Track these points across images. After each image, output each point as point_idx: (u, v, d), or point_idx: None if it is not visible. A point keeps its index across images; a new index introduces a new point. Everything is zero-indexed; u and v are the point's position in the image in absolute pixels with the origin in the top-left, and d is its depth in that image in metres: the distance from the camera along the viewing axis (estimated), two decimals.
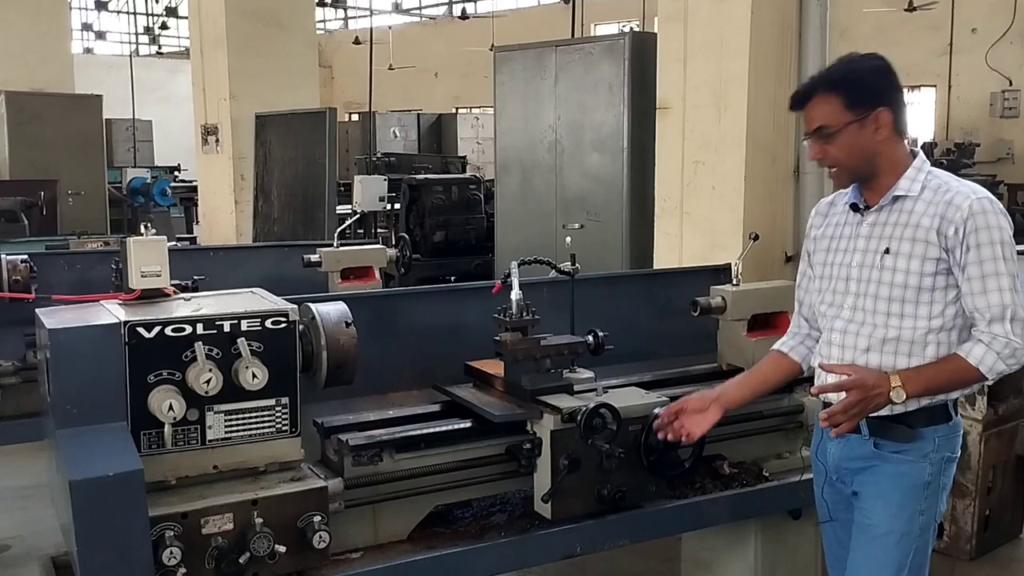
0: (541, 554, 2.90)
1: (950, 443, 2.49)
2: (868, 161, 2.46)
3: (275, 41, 9.28)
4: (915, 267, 2.40)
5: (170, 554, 2.24)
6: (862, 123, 2.43)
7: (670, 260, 5.12)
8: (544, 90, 6.83)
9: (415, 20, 28.62)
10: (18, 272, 4.39)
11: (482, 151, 17.60)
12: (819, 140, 2.47)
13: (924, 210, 2.41)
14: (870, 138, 2.44)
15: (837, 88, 2.45)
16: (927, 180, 2.45)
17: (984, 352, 2.35)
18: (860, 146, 2.44)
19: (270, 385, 2.47)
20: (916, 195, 2.44)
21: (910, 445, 2.45)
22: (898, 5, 17.48)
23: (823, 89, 2.47)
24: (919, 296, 2.41)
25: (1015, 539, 4.67)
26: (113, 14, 28.59)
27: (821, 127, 2.45)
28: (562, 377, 2.94)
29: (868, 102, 2.43)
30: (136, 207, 13.07)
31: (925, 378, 2.39)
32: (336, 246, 5.59)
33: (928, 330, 2.42)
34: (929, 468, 2.45)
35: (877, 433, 2.47)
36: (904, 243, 2.42)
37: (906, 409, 2.42)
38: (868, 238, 2.49)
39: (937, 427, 2.46)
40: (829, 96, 2.45)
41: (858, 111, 2.42)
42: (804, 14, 4.84)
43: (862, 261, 2.49)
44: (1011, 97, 17.41)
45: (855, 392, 2.36)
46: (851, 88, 2.44)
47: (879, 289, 2.45)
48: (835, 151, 2.46)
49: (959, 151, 15.65)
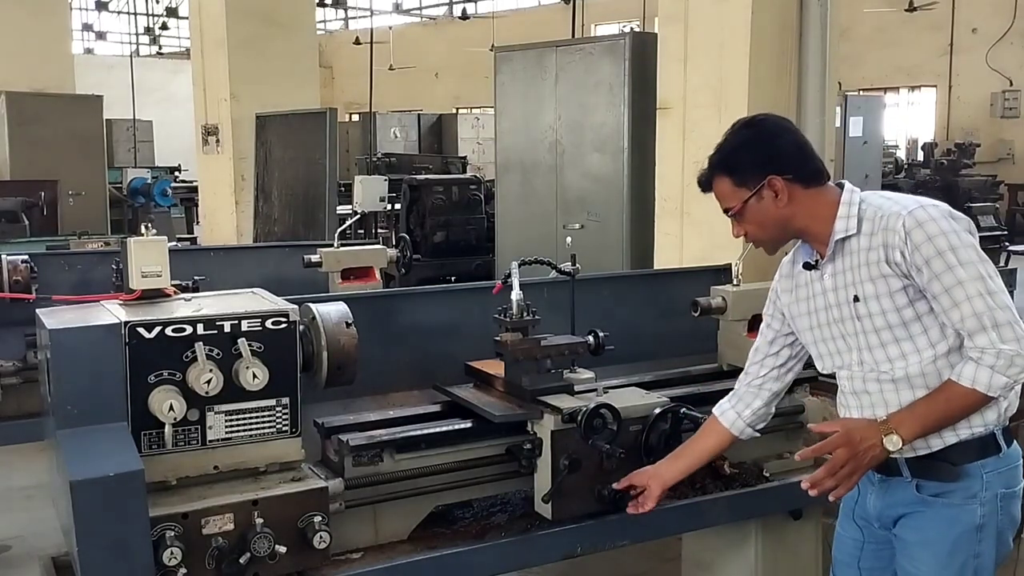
0: (541, 554, 2.90)
1: (1004, 477, 2.29)
2: (782, 228, 2.40)
3: (275, 41, 9.28)
4: (888, 305, 2.26)
5: (170, 554, 2.24)
6: (758, 196, 2.36)
7: (670, 260, 5.12)
8: (544, 90, 6.83)
9: (415, 20, 28.62)
10: (18, 272, 4.39)
11: (482, 151, 17.62)
12: (734, 220, 2.44)
13: (868, 244, 2.28)
14: (771, 207, 2.36)
15: (724, 170, 2.42)
16: (862, 211, 2.32)
17: (975, 370, 2.17)
18: (767, 218, 2.38)
19: (270, 385, 2.47)
20: (856, 232, 2.31)
21: (955, 485, 2.26)
22: (898, 5, 17.49)
23: (715, 172, 2.44)
24: (909, 330, 2.27)
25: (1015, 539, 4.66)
26: (113, 14, 28.58)
27: (728, 209, 2.43)
28: (562, 377, 2.94)
29: (753, 175, 2.36)
30: (136, 207, 13.08)
31: (919, 416, 2.24)
32: (336, 246, 5.59)
33: (936, 357, 2.26)
34: (980, 509, 2.26)
35: (918, 474, 2.30)
36: (867, 285, 2.29)
37: (945, 444, 2.26)
38: (835, 290, 2.38)
39: (985, 461, 2.26)
40: (722, 178, 2.42)
41: (749, 186, 2.36)
42: (804, 14, 4.84)
43: (840, 315, 2.37)
44: (1011, 97, 17.44)
45: (842, 451, 2.22)
46: (733, 168, 2.39)
47: (868, 339, 2.32)
48: (748, 227, 2.43)
49: (959, 151, 15.63)
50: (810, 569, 3.49)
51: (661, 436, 2.82)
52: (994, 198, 14.18)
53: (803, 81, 4.90)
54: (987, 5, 17.67)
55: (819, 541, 3.53)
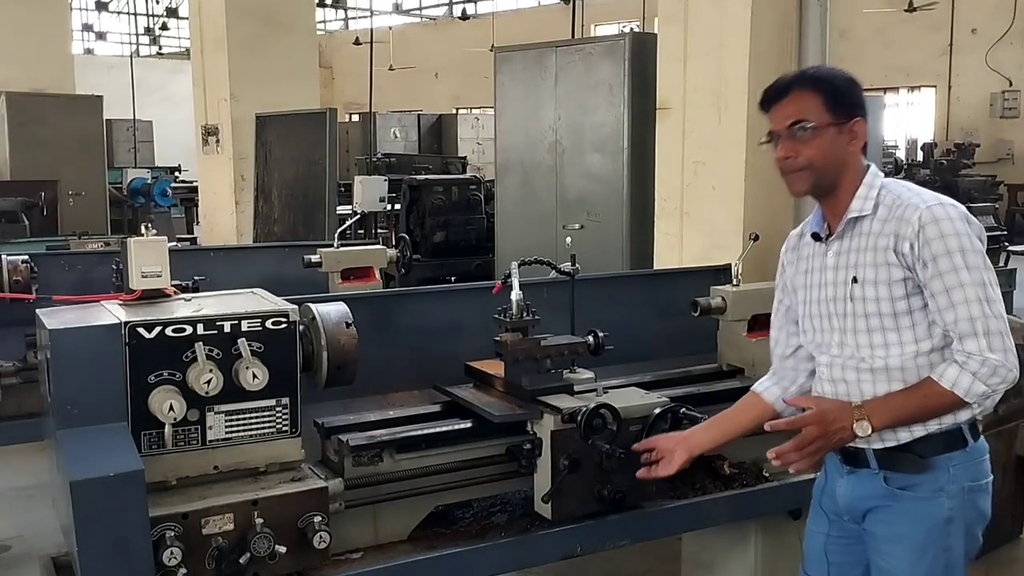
0: (541, 554, 2.90)
1: (970, 471, 2.30)
2: (837, 170, 2.32)
3: (275, 41, 9.28)
4: (884, 293, 2.25)
5: (170, 554, 2.24)
6: (840, 128, 2.30)
7: (670, 260, 5.12)
8: (544, 90, 6.83)
9: (415, 20, 28.63)
10: (19, 272, 4.39)
11: (482, 151, 17.63)
12: (793, 137, 2.31)
13: (880, 230, 2.27)
14: (844, 146, 2.31)
15: (818, 87, 2.32)
16: (880, 196, 2.31)
17: (958, 374, 2.17)
18: (834, 152, 2.31)
19: (270, 385, 2.47)
20: (870, 214, 2.30)
21: (921, 477, 2.27)
22: (898, 5, 17.49)
23: (803, 86, 2.33)
24: (898, 322, 2.26)
25: (1015, 539, 4.67)
26: (113, 15, 28.58)
27: (800, 121, 2.30)
28: (562, 377, 2.94)
29: (848, 109, 2.32)
30: (137, 207, 13.09)
31: (893, 408, 2.25)
32: (336, 246, 5.59)
33: (917, 354, 2.26)
34: (948, 502, 2.27)
35: (885, 465, 2.31)
36: (868, 269, 2.28)
37: (912, 436, 2.27)
38: (835, 268, 2.36)
39: (952, 454, 2.27)
40: (810, 93, 2.31)
41: (839, 115, 2.30)
42: (804, 15, 4.83)
43: (834, 294, 2.36)
44: (1011, 97, 17.45)
45: (812, 428, 2.23)
46: (833, 91, 2.32)
47: (856, 322, 2.31)
48: (809, 151, 2.30)
49: (959, 151, 15.66)
50: None
51: None
52: (994, 198, 14.21)
53: None
54: (987, 5, 17.68)
55: None
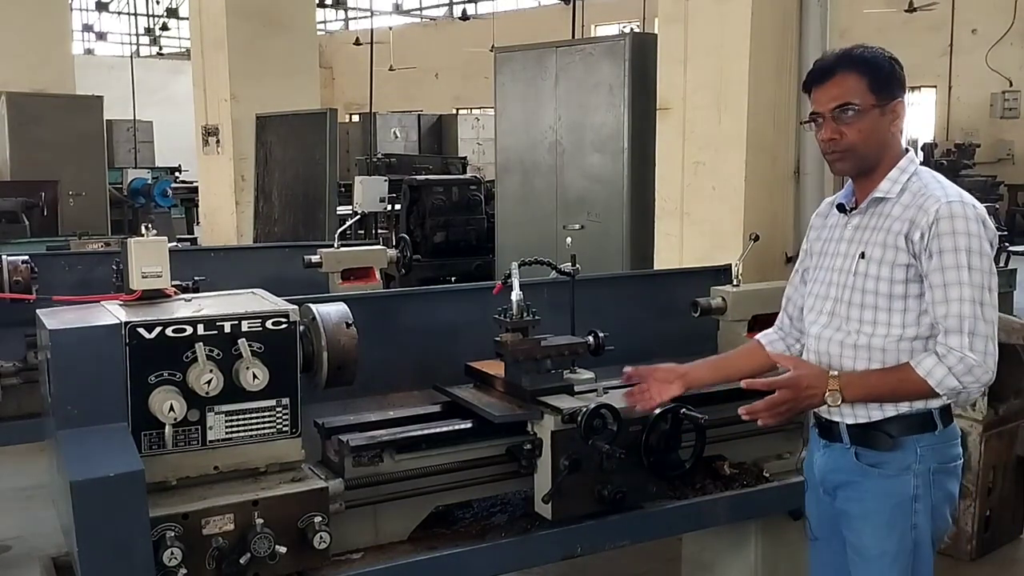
0: (541, 555, 2.90)
1: (938, 453, 2.37)
2: (878, 151, 2.37)
3: (276, 42, 9.28)
4: (886, 273, 2.33)
5: (171, 555, 2.24)
6: (882, 110, 2.35)
7: (670, 261, 5.13)
8: (544, 91, 6.83)
9: (415, 21, 28.63)
10: (19, 273, 4.39)
11: (483, 152, 17.63)
12: (837, 120, 2.35)
13: (899, 214, 2.33)
14: (886, 127, 2.37)
15: (862, 68, 2.34)
16: (909, 182, 2.36)
17: (934, 365, 2.24)
18: (876, 133, 2.35)
19: (271, 386, 2.47)
20: (894, 198, 2.36)
21: (890, 456, 2.35)
22: (898, 6, 17.50)
23: (847, 67, 2.35)
24: (891, 303, 2.33)
25: (1016, 539, 4.67)
26: (114, 15, 28.59)
27: (847, 104, 2.33)
28: (562, 378, 2.94)
29: (890, 90, 2.35)
30: (137, 208, 13.08)
31: (867, 385, 2.33)
32: (337, 247, 5.60)
33: (901, 338, 2.33)
34: (914, 480, 2.35)
35: (857, 440, 2.39)
36: (877, 248, 2.35)
37: (884, 415, 2.35)
38: (849, 241, 2.44)
39: (920, 436, 2.34)
40: (855, 75, 2.34)
41: (882, 97, 2.34)
42: (804, 15, 4.84)
43: (841, 265, 2.44)
44: (1011, 98, 17.45)
45: (785, 391, 2.32)
46: (876, 72, 2.34)
47: (852, 295, 2.39)
48: (853, 133, 2.34)
49: (959, 152, 15.67)
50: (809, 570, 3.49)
51: (661, 436, 2.82)
52: (994, 198, 14.21)
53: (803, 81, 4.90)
54: (987, 5, 17.68)
55: None
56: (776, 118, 4.86)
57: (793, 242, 4.93)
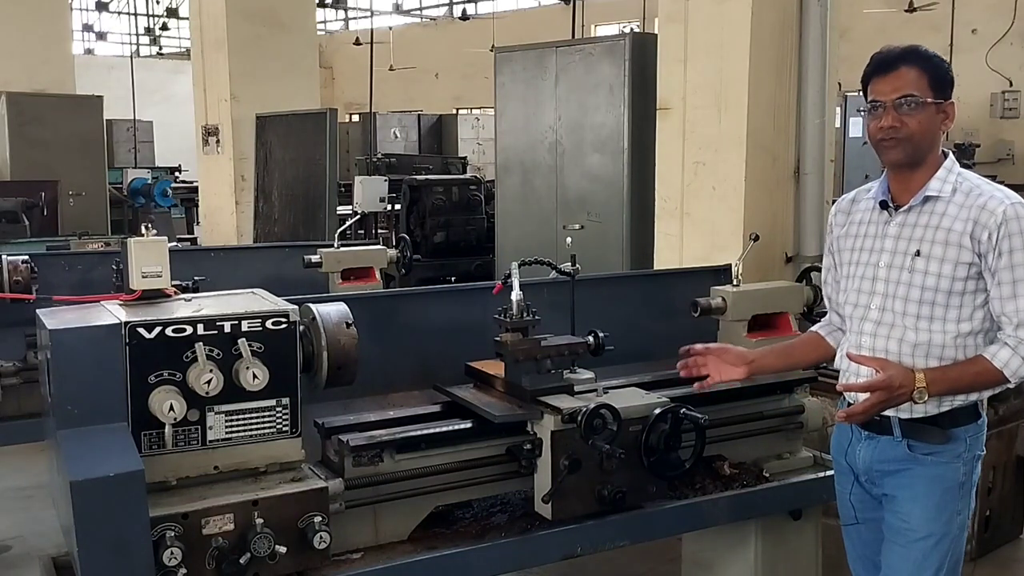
0: (541, 555, 2.91)
1: (979, 441, 2.51)
2: (931, 144, 2.46)
3: (276, 42, 9.29)
4: (947, 271, 2.39)
5: (171, 554, 2.24)
6: (939, 107, 2.44)
7: (670, 261, 5.13)
8: (544, 91, 6.83)
9: (415, 21, 28.62)
10: (19, 273, 4.39)
11: (483, 152, 17.61)
12: (899, 109, 2.42)
13: (956, 213, 2.40)
14: (938, 125, 2.46)
15: (925, 65, 2.44)
16: (957, 182, 2.45)
17: (1010, 356, 2.36)
18: (932, 128, 2.44)
19: (270, 386, 2.47)
20: (948, 197, 2.43)
21: (943, 447, 2.45)
22: (898, 6, 17.49)
23: (911, 62, 2.44)
24: (949, 300, 2.41)
25: (1016, 539, 4.67)
26: (114, 15, 28.57)
27: (911, 95, 2.41)
28: (562, 378, 2.94)
29: (945, 90, 2.45)
30: (137, 208, 13.06)
31: (950, 380, 2.40)
32: (337, 247, 5.59)
33: (957, 334, 2.42)
34: (963, 468, 2.46)
35: (909, 435, 2.46)
36: (936, 246, 2.41)
37: (939, 410, 2.43)
38: (897, 239, 2.48)
39: (968, 427, 2.47)
40: (917, 70, 2.43)
41: (939, 95, 2.43)
42: (804, 15, 4.84)
43: (891, 262, 2.48)
44: (1011, 98, 17.42)
45: (881, 394, 2.38)
46: (937, 71, 2.45)
47: (909, 291, 2.44)
48: (913, 124, 2.42)
49: (959, 151, 15.63)
50: (810, 569, 3.49)
51: (661, 436, 2.82)
52: None
53: (803, 81, 4.91)
54: (987, 6, 17.66)
55: (818, 541, 3.53)
56: (776, 118, 4.86)
57: (793, 242, 4.94)
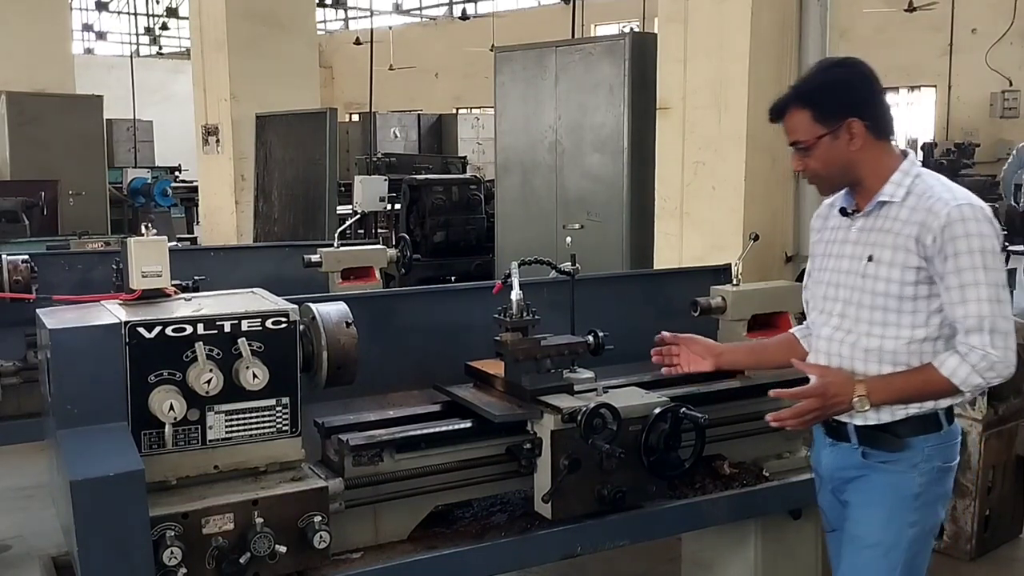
0: (541, 554, 2.90)
1: (942, 452, 2.44)
2: (845, 171, 2.45)
3: (276, 42, 9.29)
4: (896, 275, 2.37)
5: (171, 554, 2.24)
6: (834, 135, 2.41)
7: (670, 260, 5.13)
8: (544, 90, 6.83)
9: (415, 20, 28.63)
10: (19, 272, 4.39)
11: (482, 151, 17.62)
12: (797, 153, 2.48)
13: (907, 217, 2.37)
14: (844, 149, 2.41)
15: (806, 103, 2.43)
16: (913, 185, 2.40)
17: (958, 364, 2.30)
18: (835, 158, 2.42)
19: (270, 385, 2.47)
20: (900, 201, 2.40)
21: (898, 455, 2.42)
22: (898, 5, 17.49)
23: (794, 104, 2.45)
24: (901, 305, 2.37)
25: (1015, 539, 4.68)
26: (113, 15, 28.58)
27: (797, 141, 2.46)
28: (562, 377, 2.94)
29: (838, 114, 2.40)
30: (137, 207, 13.07)
31: (894, 388, 2.37)
32: (336, 246, 5.59)
33: (911, 340, 2.38)
34: (919, 479, 2.41)
35: (865, 442, 2.45)
36: (886, 251, 2.39)
37: (893, 418, 2.40)
38: (855, 244, 2.48)
39: (927, 436, 2.41)
40: (800, 111, 2.44)
41: (829, 124, 2.40)
42: (804, 15, 4.84)
43: (848, 268, 2.48)
44: (1011, 97, 17.45)
45: (812, 400, 2.37)
46: (820, 102, 2.42)
47: (862, 297, 2.43)
48: (812, 163, 2.45)
49: (959, 151, 15.65)
50: (810, 569, 3.49)
51: (661, 436, 2.82)
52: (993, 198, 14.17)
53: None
54: (987, 5, 17.68)
55: (819, 541, 3.52)
56: None
57: (793, 242, 4.94)
